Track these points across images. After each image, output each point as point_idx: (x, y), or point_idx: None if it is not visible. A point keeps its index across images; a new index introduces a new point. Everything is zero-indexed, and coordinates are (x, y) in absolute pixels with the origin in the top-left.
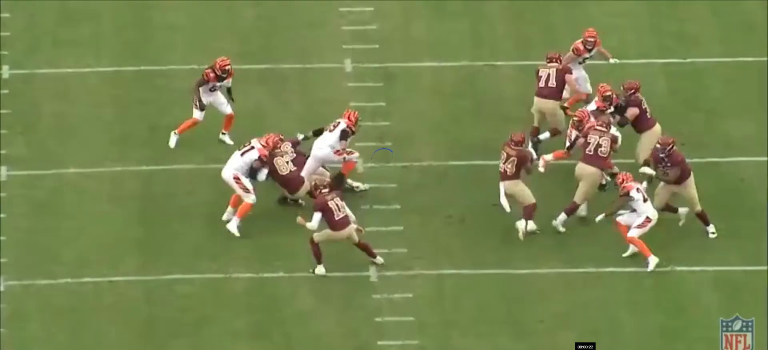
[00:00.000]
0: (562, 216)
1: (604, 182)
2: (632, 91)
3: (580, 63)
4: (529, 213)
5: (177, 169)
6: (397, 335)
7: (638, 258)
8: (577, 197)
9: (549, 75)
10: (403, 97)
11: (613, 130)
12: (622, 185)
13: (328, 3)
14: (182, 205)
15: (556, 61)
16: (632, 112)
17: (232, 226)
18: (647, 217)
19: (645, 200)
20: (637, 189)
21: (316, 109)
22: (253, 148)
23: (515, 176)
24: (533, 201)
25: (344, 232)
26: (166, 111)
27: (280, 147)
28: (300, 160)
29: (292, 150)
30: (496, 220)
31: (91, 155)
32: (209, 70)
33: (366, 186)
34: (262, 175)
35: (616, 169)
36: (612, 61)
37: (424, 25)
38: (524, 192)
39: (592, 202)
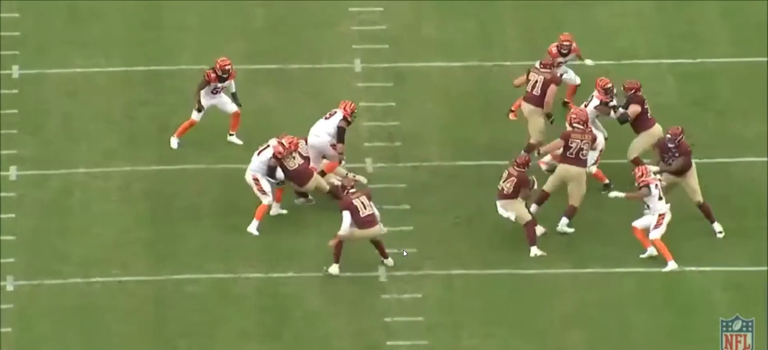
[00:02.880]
0: (564, 220)
1: (607, 181)
2: (633, 90)
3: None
4: (530, 234)
5: (186, 169)
6: (406, 335)
7: (648, 259)
8: (573, 199)
9: (537, 81)
10: (413, 97)
11: (594, 131)
12: (641, 178)
13: (338, 3)
14: (191, 205)
15: (548, 69)
16: (634, 109)
17: (252, 228)
18: (660, 215)
19: (660, 198)
20: (656, 185)
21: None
22: (268, 147)
23: (512, 196)
24: (529, 218)
25: (371, 231)
26: (176, 111)
27: (299, 149)
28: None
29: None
30: (504, 221)
31: (101, 155)
32: (210, 71)
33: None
34: (281, 173)
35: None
36: (588, 62)
37: (434, 26)
38: (520, 211)
39: (600, 202)
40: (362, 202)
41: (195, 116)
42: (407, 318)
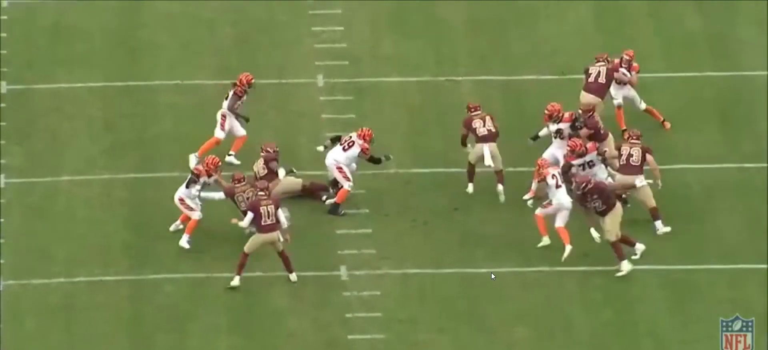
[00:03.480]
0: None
1: (624, 196)
2: (588, 112)
3: None
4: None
5: (162, 177)
6: (365, 330)
7: (588, 258)
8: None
9: (600, 72)
10: (371, 110)
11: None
12: (539, 171)
13: (302, 23)
14: (167, 210)
15: (604, 61)
16: (586, 132)
17: (183, 242)
18: (555, 202)
19: (558, 186)
20: (553, 176)
21: (292, 120)
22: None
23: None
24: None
25: (267, 236)
26: (152, 123)
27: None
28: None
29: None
30: (457, 224)
31: (83, 164)
32: (239, 87)
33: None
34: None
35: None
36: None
37: (391, 44)
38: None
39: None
40: (268, 210)
41: (220, 134)
42: (366, 314)
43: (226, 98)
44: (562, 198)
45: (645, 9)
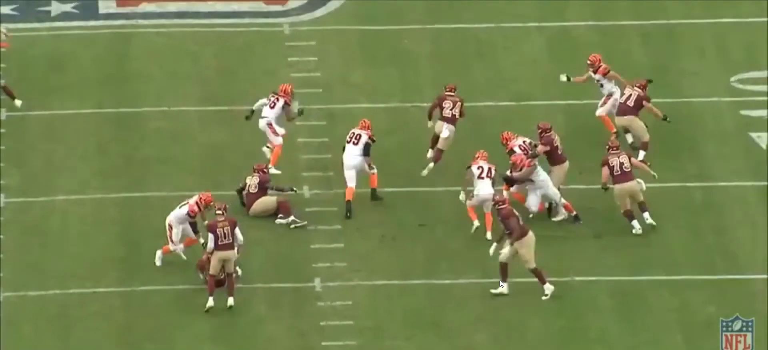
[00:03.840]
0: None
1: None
2: (544, 130)
3: None
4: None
5: (150, 196)
6: (338, 337)
7: (542, 268)
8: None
9: (631, 95)
10: (343, 134)
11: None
12: (470, 165)
13: (279, 54)
14: (155, 228)
15: (641, 88)
16: (542, 148)
17: (157, 259)
18: (476, 193)
19: (480, 178)
20: (479, 167)
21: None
22: (187, 203)
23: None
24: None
25: (223, 254)
26: (141, 147)
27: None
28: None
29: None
30: (423, 239)
31: (77, 184)
32: (286, 96)
33: (305, 222)
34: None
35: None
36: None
37: (361, 73)
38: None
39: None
40: (224, 231)
41: (279, 141)
42: (339, 322)
43: (272, 108)
44: (482, 189)
45: (594, 40)
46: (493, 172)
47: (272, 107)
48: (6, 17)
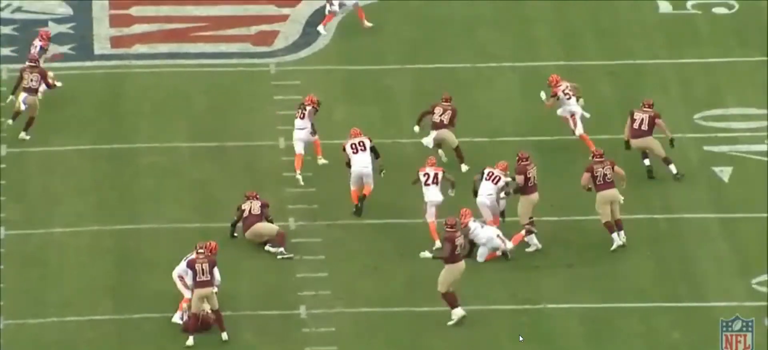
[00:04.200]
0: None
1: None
2: (521, 159)
3: None
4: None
5: (143, 229)
6: None
7: (516, 297)
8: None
9: (643, 119)
10: (327, 168)
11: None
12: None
13: (266, 92)
14: (148, 258)
15: (650, 108)
16: (519, 178)
17: (176, 317)
18: (425, 200)
19: (427, 184)
20: (425, 173)
21: (257, 178)
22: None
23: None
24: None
25: (201, 291)
26: (135, 181)
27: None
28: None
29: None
30: (403, 268)
31: (74, 217)
32: (314, 105)
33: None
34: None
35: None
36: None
37: (343, 110)
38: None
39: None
40: (202, 268)
41: (315, 136)
42: (324, 348)
43: (302, 118)
44: (429, 195)
45: (565, 77)
46: (439, 178)
47: (303, 117)
48: (6, 58)
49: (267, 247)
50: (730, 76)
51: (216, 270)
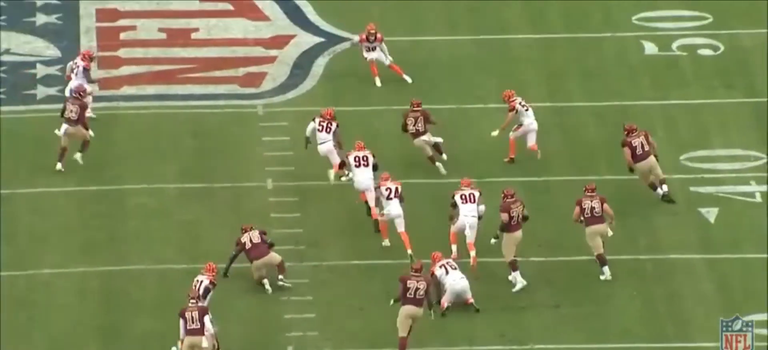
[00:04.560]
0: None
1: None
2: (507, 196)
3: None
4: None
5: (130, 269)
6: None
7: (504, 337)
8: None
9: (641, 142)
10: (314, 209)
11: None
12: (379, 185)
13: (253, 134)
14: (135, 299)
15: (635, 131)
16: (503, 216)
17: None
18: (387, 212)
19: (389, 198)
20: (387, 188)
21: (244, 219)
22: (201, 282)
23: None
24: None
25: (191, 339)
26: (122, 223)
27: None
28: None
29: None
30: (390, 309)
31: (61, 259)
32: (331, 120)
33: (289, 283)
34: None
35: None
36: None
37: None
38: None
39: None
40: (192, 316)
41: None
42: None
43: (327, 132)
44: (391, 209)
45: (551, 119)
46: (399, 191)
47: (329, 131)
48: None
49: (280, 281)
50: (715, 117)
51: (207, 320)
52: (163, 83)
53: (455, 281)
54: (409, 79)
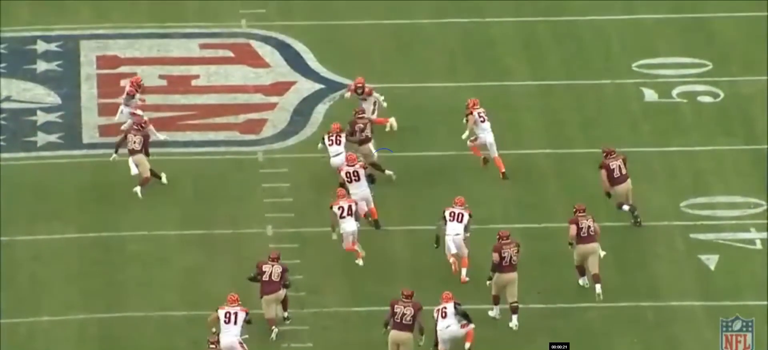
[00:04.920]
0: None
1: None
2: (501, 238)
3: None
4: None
5: (130, 316)
6: None
7: None
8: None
9: (619, 165)
10: (314, 255)
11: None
12: (332, 205)
13: (254, 181)
14: (135, 346)
15: (615, 154)
16: (494, 256)
17: None
18: (343, 230)
19: (343, 216)
20: (340, 207)
21: (245, 265)
22: (236, 312)
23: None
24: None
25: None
26: (121, 270)
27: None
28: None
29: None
30: None
31: (60, 306)
32: (340, 132)
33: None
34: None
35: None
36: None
37: (331, 198)
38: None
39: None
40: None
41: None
42: None
43: (338, 144)
44: (346, 226)
45: (550, 165)
46: (353, 208)
47: (339, 144)
48: None
49: (285, 320)
50: (715, 164)
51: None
52: (163, 130)
53: (442, 330)
54: (391, 128)
